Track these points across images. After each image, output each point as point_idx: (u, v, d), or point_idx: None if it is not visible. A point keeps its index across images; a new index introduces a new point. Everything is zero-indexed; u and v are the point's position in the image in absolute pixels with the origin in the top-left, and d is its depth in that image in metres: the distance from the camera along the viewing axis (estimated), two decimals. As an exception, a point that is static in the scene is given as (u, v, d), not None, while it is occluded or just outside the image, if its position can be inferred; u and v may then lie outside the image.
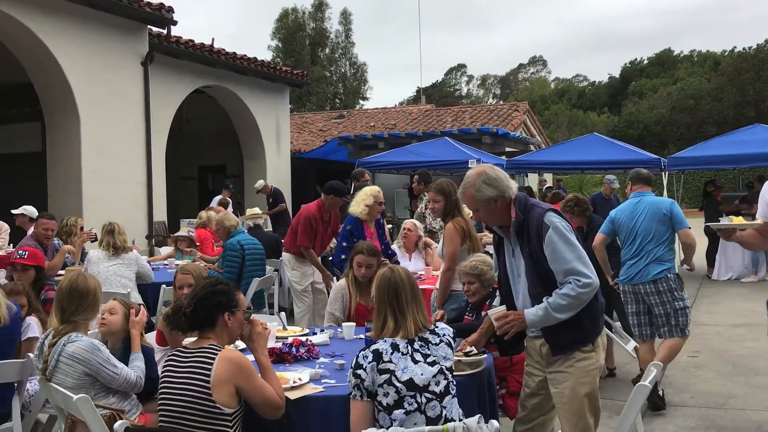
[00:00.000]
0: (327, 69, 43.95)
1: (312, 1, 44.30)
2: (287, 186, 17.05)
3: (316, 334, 4.41)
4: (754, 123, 14.60)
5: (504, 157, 16.38)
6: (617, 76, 62.89)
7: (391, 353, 2.91)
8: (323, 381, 3.33)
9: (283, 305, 8.59)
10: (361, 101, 45.49)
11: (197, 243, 8.93)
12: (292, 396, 3.09)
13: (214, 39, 14.48)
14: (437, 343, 3.01)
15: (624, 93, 55.77)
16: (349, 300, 4.98)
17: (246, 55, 15.38)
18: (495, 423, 2.82)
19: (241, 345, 3.84)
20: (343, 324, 4.46)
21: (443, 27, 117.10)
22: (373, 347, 2.94)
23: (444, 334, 3.08)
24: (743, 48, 47.58)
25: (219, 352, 2.96)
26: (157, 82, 12.87)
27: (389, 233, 12.45)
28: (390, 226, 12.99)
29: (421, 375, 2.89)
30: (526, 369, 3.56)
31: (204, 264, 7.46)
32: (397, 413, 2.85)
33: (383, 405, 2.87)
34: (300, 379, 3.28)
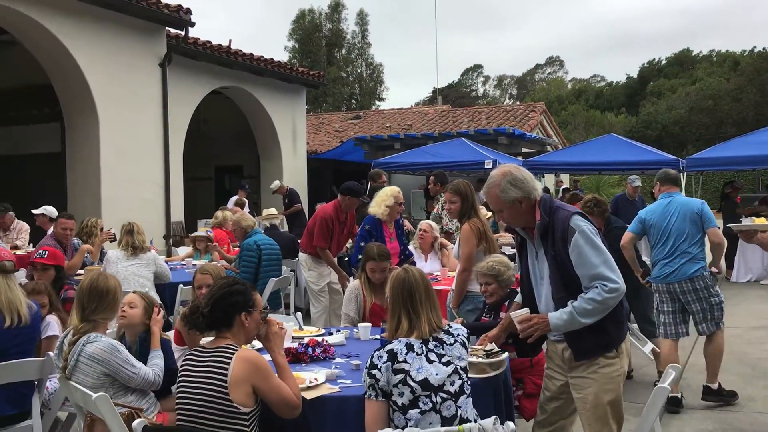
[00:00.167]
0: (343, 70, 44.00)
1: (328, 2, 44.44)
2: (303, 186, 17.10)
3: (332, 334, 4.42)
4: (774, 123, 14.44)
5: (520, 158, 16.33)
6: (635, 76, 62.51)
7: (406, 353, 2.92)
8: (339, 381, 3.34)
9: (299, 305, 8.63)
10: (377, 102, 45.51)
11: (214, 242, 8.95)
12: (308, 396, 3.11)
13: (231, 40, 14.56)
14: (451, 343, 3.02)
15: (642, 93, 55.38)
16: (363, 301, 5.00)
17: (263, 56, 15.45)
18: (511, 424, 2.82)
19: (258, 345, 3.87)
20: (359, 324, 4.47)
21: (460, 27, 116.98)
22: (388, 347, 2.95)
23: (458, 334, 3.08)
24: (763, 48, 47.17)
25: (236, 351, 2.98)
26: (175, 82, 12.96)
27: (406, 234, 12.50)
28: (406, 227, 13.00)
29: (436, 375, 2.90)
30: (546, 372, 3.53)
31: (222, 264, 7.51)
32: (413, 413, 2.86)
33: (398, 405, 2.88)
34: (316, 379, 3.29)
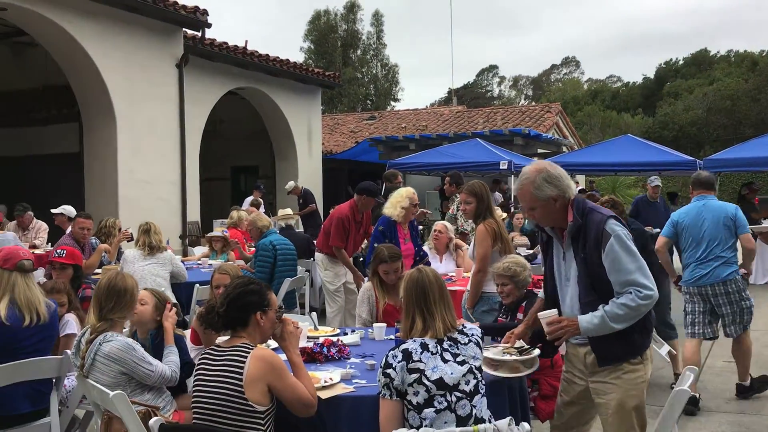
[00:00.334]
0: (358, 70, 44.03)
1: (344, 3, 44.53)
2: (318, 187, 17.13)
3: (347, 334, 4.43)
4: (793, 124, 14.27)
5: (536, 159, 16.27)
6: (652, 76, 62.02)
7: (421, 353, 2.92)
8: (354, 381, 3.35)
9: (314, 305, 8.65)
10: (393, 102, 45.51)
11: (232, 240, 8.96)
12: (323, 395, 3.12)
13: (247, 41, 14.63)
14: (466, 343, 3.02)
15: (659, 94, 54.93)
16: (376, 302, 5.00)
17: (278, 57, 15.50)
18: (526, 425, 2.81)
19: (274, 344, 3.89)
20: (374, 325, 4.48)
21: (475, 28, 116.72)
22: (403, 347, 2.96)
23: (473, 334, 3.08)
24: (782, 47, 46.57)
25: (251, 350, 3.00)
26: (192, 83, 13.04)
27: (422, 234, 12.50)
28: (421, 227, 12.99)
29: (451, 374, 2.90)
30: (564, 376, 3.47)
31: (239, 263, 7.55)
32: (428, 412, 2.86)
33: (413, 404, 2.88)
34: (331, 379, 3.30)
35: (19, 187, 13.79)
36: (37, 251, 9.18)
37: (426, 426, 2.83)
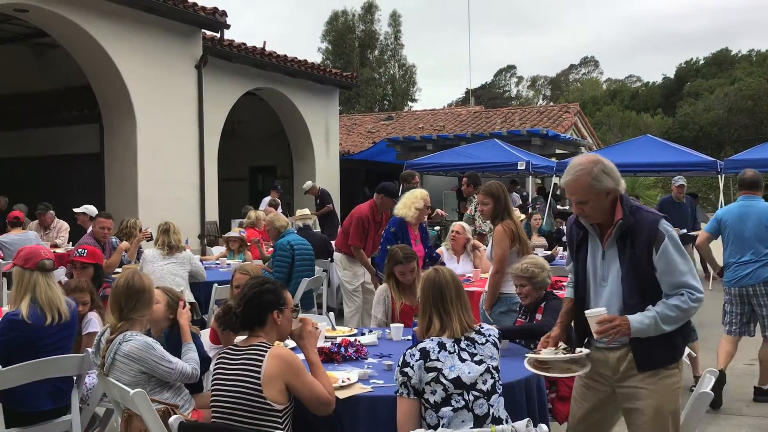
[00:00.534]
0: (376, 71, 44.06)
1: (362, 3, 44.58)
2: (336, 187, 17.17)
3: (364, 334, 4.44)
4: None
5: (554, 159, 16.21)
6: (672, 76, 61.49)
7: (438, 352, 2.93)
8: (371, 381, 3.36)
9: (332, 305, 8.67)
10: (410, 103, 45.49)
11: (248, 242, 9.02)
12: (340, 395, 3.13)
13: (265, 42, 14.68)
14: (483, 343, 3.02)
15: (679, 94, 54.45)
16: (392, 303, 5.02)
17: (296, 58, 15.55)
18: (544, 427, 2.81)
19: (291, 344, 3.91)
20: (392, 325, 4.49)
21: (493, 28, 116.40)
22: (420, 345, 2.97)
23: (490, 334, 3.08)
24: (805, 47, 45.96)
25: (268, 349, 3.02)
26: (211, 84, 13.12)
27: (438, 235, 12.49)
28: (438, 227, 12.98)
29: (468, 373, 2.90)
30: (583, 382, 3.32)
31: (258, 263, 7.59)
32: (445, 410, 2.87)
33: (430, 402, 2.89)
34: (348, 379, 3.31)
35: (41, 187, 13.95)
36: (58, 250, 9.29)
37: (443, 424, 2.84)
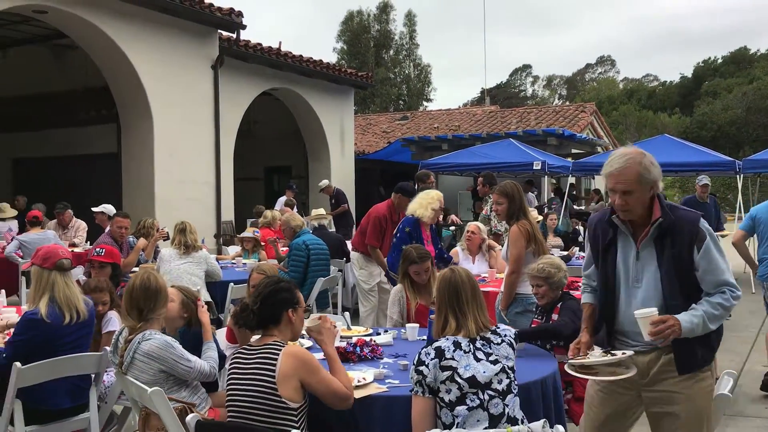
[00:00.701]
0: (391, 71, 44.10)
1: (377, 3, 44.58)
2: (351, 187, 17.20)
3: (379, 334, 4.44)
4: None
5: (570, 159, 16.12)
6: (689, 75, 61.02)
7: (453, 351, 2.93)
8: (387, 381, 3.36)
9: (347, 305, 8.68)
10: (425, 103, 45.48)
11: (262, 242, 9.05)
12: (356, 395, 3.13)
13: (281, 42, 14.75)
14: (499, 343, 3.02)
15: (696, 93, 54.04)
16: (407, 304, 5.02)
17: (312, 58, 15.60)
18: (560, 428, 2.80)
19: (307, 344, 3.93)
20: (407, 325, 4.49)
21: (508, 27, 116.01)
22: (436, 344, 2.97)
23: (506, 334, 3.08)
24: (825, 45, 45.43)
25: (282, 348, 3.04)
26: (227, 84, 13.19)
27: (453, 235, 12.47)
28: (453, 227, 12.96)
29: (484, 372, 2.90)
30: (605, 387, 3.18)
31: (273, 263, 7.61)
32: (460, 409, 2.87)
33: (445, 401, 2.89)
34: (364, 378, 3.31)
35: (59, 187, 14.10)
36: (76, 249, 9.38)
37: (458, 423, 2.84)
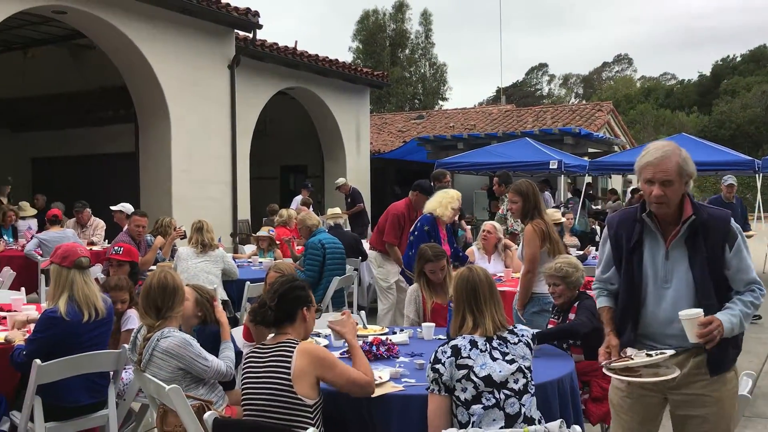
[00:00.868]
0: (407, 70, 44.06)
1: (392, 3, 44.58)
2: (366, 186, 17.20)
3: (395, 333, 4.45)
4: None
5: (587, 158, 16.03)
6: (708, 74, 60.45)
7: (470, 349, 2.94)
8: (403, 380, 3.36)
9: (362, 304, 8.70)
10: (441, 102, 45.41)
11: (277, 241, 9.08)
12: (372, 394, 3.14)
13: (296, 42, 14.79)
14: (516, 342, 3.02)
15: (715, 91, 53.53)
16: (423, 302, 5.02)
17: (328, 57, 15.63)
18: (577, 428, 2.79)
19: (323, 342, 3.95)
20: (423, 324, 4.49)
21: (524, 26, 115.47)
22: (452, 343, 2.98)
23: (523, 334, 3.08)
24: None
25: (297, 345, 3.07)
26: (243, 84, 13.25)
27: (470, 235, 12.44)
28: (469, 227, 12.92)
29: (499, 372, 2.90)
30: (634, 392, 3.05)
31: (288, 261, 7.64)
32: (475, 408, 2.87)
33: (461, 400, 2.89)
34: (380, 377, 3.32)
35: (78, 185, 14.23)
36: (95, 248, 9.47)
37: (474, 422, 2.84)
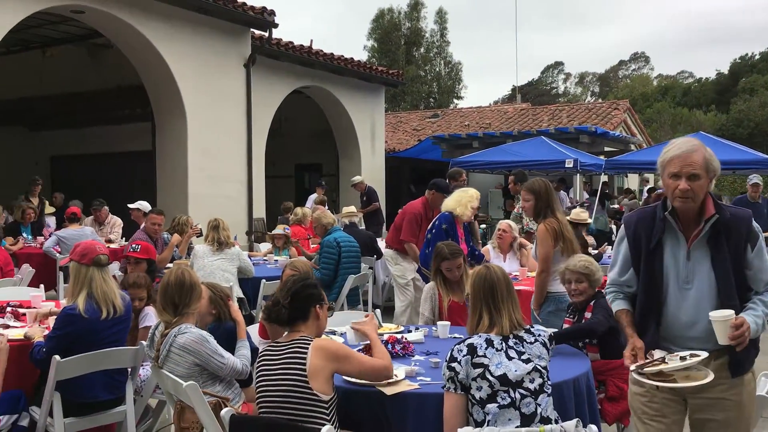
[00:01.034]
0: (422, 68, 43.96)
1: (408, 1, 44.48)
2: (381, 185, 17.21)
3: (411, 332, 4.45)
4: None
5: (603, 157, 15.95)
6: (726, 72, 59.87)
7: (486, 348, 2.94)
8: (419, 378, 3.37)
9: (377, 303, 8.71)
10: (456, 100, 45.24)
11: (293, 239, 9.10)
12: (388, 392, 3.15)
13: (312, 40, 14.81)
14: (532, 342, 3.02)
15: (733, 90, 52.97)
16: (439, 301, 5.02)
17: (343, 56, 15.64)
18: (594, 428, 2.78)
19: (339, 339, 3.96)
20: (438, 323, 4.49)
21: (540, 24, 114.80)
22: (468, 341, 2.98)
23: (540, 334, 3.07)
24: None
25: (311, 342, 3.10)
26: (259, 83, 13.30)
27: (484, 233, 12.42)
28: (484, 226, 12.91)
29: (515, 371, 2.90)
30: (657, 397, 2.97)
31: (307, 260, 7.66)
32: (491, 407, 2.87)
33: (476, 398, 2.89)
34: (396, 376, 3.33)
35: (95, 184, 14.36)
36: (112, 246, 9.55)
37: (489, 421, 2.84)
